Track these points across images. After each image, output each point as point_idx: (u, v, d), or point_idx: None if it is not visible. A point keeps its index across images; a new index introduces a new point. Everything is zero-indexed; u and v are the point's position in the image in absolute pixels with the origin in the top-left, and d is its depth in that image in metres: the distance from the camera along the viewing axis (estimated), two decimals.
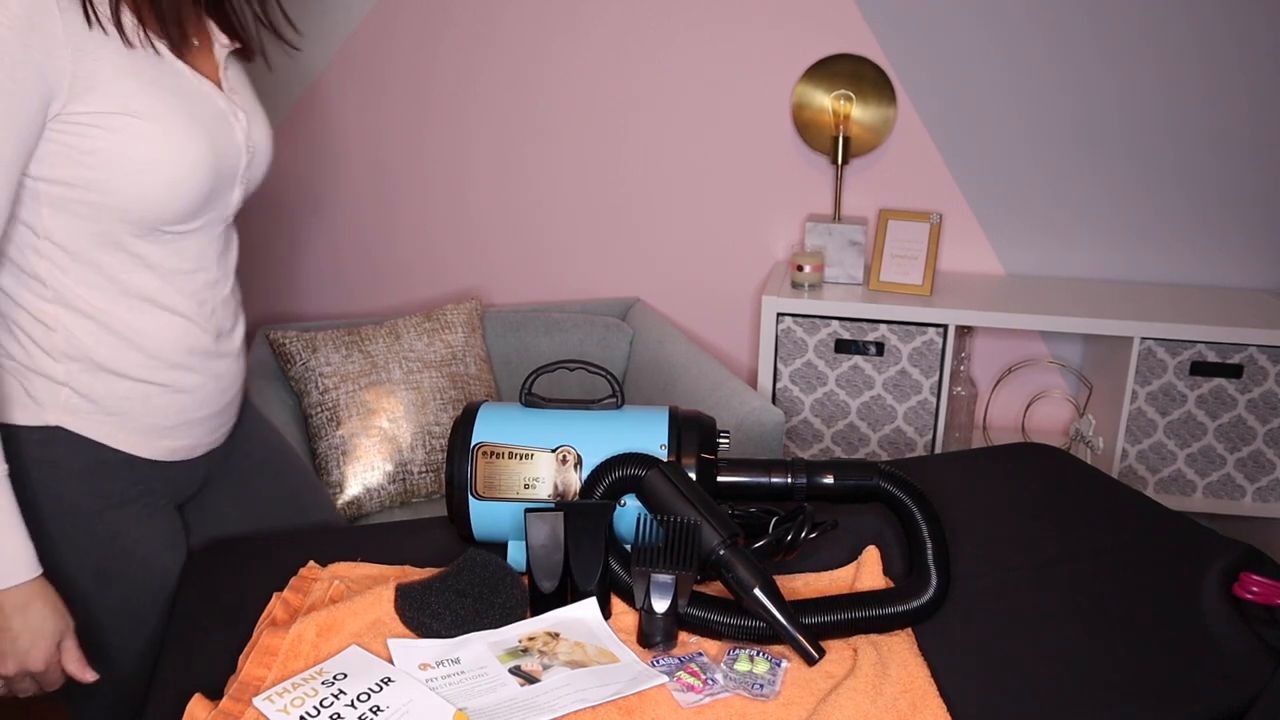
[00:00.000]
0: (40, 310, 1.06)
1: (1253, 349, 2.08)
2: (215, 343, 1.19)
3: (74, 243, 1.05)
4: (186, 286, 1.14)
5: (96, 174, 1.02)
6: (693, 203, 2.42)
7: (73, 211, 1.04)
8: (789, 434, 2.26)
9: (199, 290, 1.16)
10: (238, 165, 1.16)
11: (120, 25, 1.02)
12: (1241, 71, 2.17)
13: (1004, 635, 1.07)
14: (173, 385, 1.15)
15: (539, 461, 1.14)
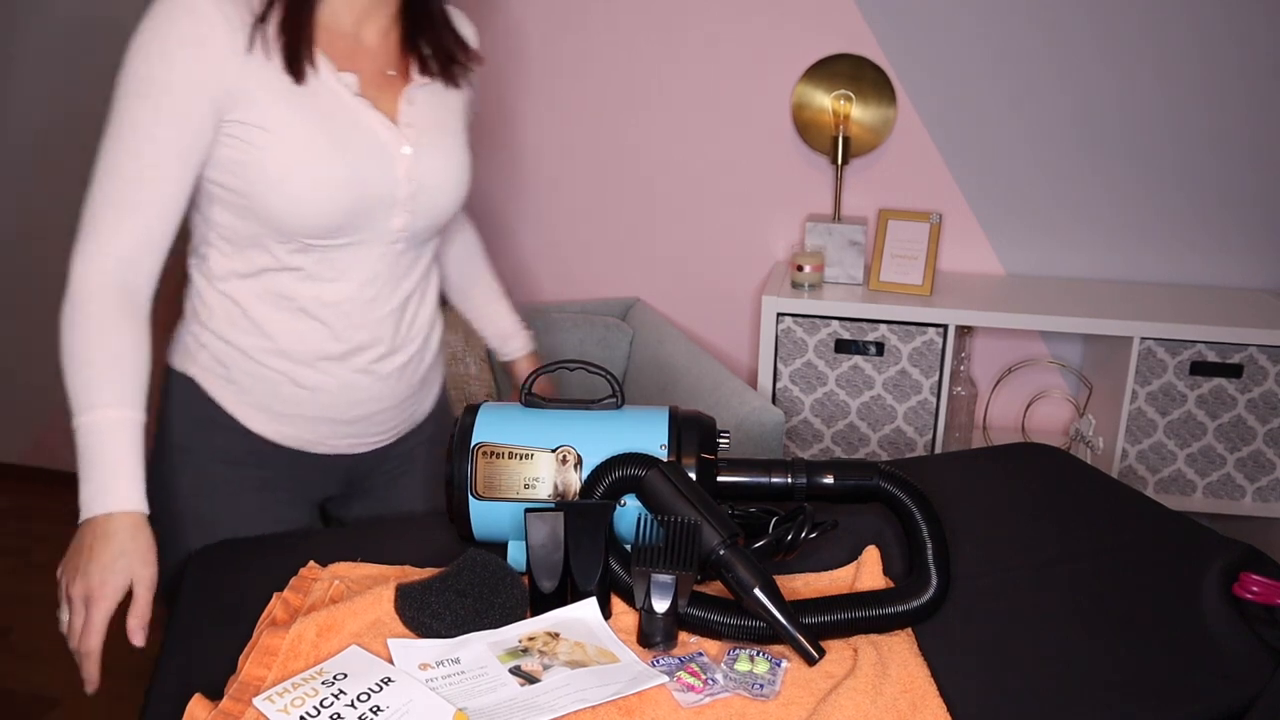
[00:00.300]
0: (202, 286, 1.23)
1: (1253, 349, 2.08)
2: (349, 355, 1.25)
3: (234, 238, 1.19)
4: (329, 296, 1.22)
5: (242, 183, 1.14)
6: (693, 202, 2.42)
7: (234, 212, 1.17)
8: (789, 434, 2.26)
9: (342, 302, 1.23)
10: (393, 193, 1.21)
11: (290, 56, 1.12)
12: (1241, 71, 2.17)
13: (1004, 635, 1.07)
14: (294, 379, 1.24)
15: (539, 461, 1.14)
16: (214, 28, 1.08)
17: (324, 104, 1.15)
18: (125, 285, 1.12)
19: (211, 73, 1.09)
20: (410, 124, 1.23)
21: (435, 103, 1.27)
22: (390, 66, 1.24)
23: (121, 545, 1.05)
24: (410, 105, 1.24)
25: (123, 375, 1.11)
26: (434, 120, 1.26)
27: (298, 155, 1.13)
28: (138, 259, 1.12)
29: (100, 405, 1.08)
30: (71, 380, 1.09)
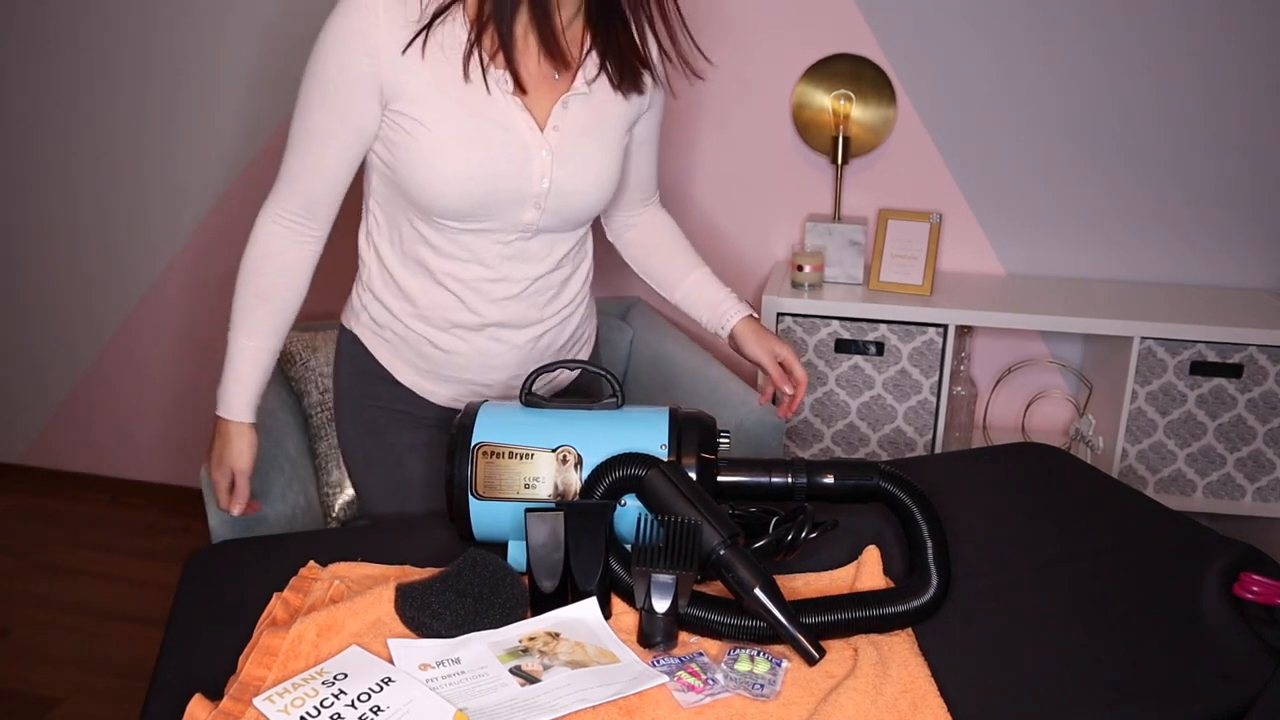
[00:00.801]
0: (365, 251, 1.41)
1: (1253, 349, 2.08)
2: (483, 326, 1.37)
3: (386, 208, 1.34)
4: (460, 273, 1.33)
5: (393, 159, 1.27)
6: (693, 202, 2.42)
7: (385, 183, 1.32)
8: (789, 434, 2.26)
9: (473, 280, 1.34)
10: (525, 190, 1.29)
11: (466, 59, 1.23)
12: (1240, 71, 2.17)
13: (1004, 635, 1.07)
14: (433, 341, 1.38)
15: (539, 461, 1.14)
16: (377, 28, 1.21)
17: (477, 100, 1.25)
18: (291, 231, 1.32)
19: (372, 69, 1.22)
20: (557, 128, 1.29)
21: (592, 110, 1.32)
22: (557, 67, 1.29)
23: (227, 444, 1.37)
24: (563, 109, 1.30)
25: (264, 313, 1.34)
26: (584, 126, 1.32)
27: (441, 145, 1.24)
28: (304, 215, 1.32)
29: (241, 333, 1.35)
30: (233, 303, 1.35)
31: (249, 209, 2.61)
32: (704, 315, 1.52)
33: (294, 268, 1.35)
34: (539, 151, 1.28)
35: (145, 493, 2.91)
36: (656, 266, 1.56)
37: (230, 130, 2.54)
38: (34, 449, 2.98)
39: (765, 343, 1.48)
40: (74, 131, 2.63)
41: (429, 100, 1.23)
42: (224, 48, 2.48)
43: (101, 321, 2.79)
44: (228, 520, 1.61)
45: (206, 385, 2.78)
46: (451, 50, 1.23)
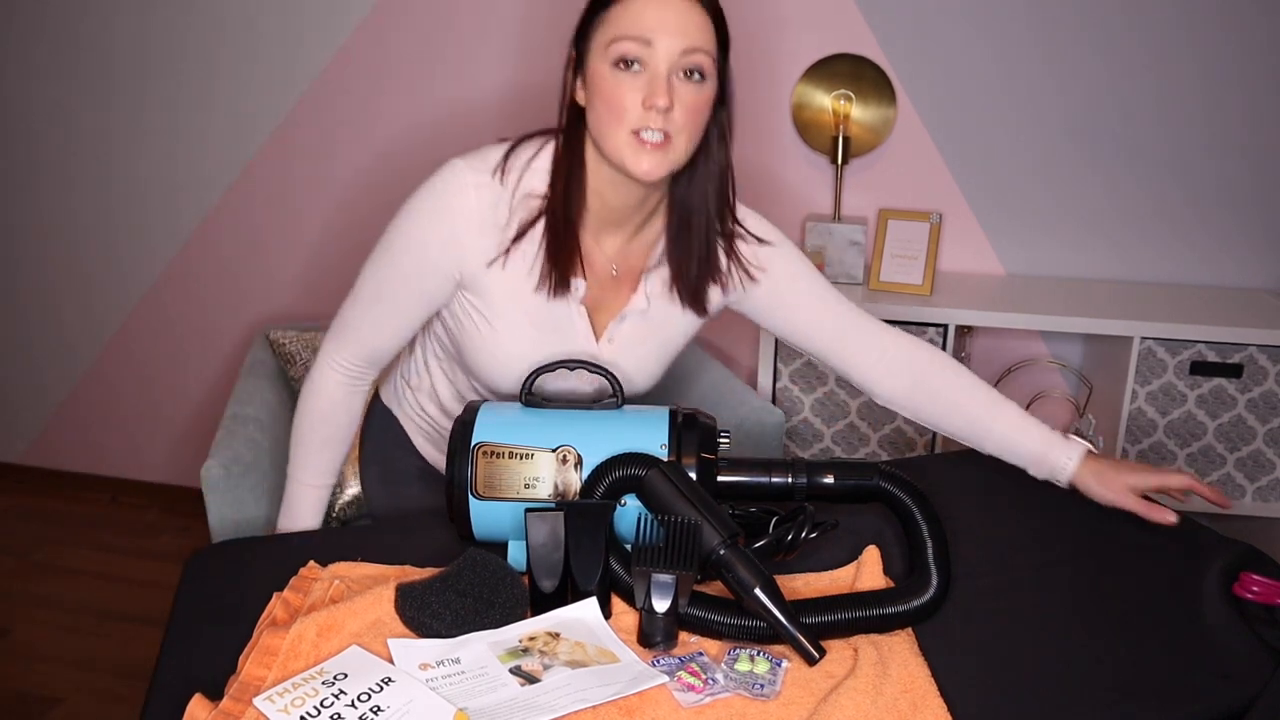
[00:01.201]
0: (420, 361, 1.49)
1: (1253, 349, 2.08)
2: None
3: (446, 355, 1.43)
4: None
5: (456, 335, 1.35)
6: None
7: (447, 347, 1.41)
8: (789, 434, 2.26)
9: None
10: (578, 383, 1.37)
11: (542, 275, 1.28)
12: (1240, 71, 2.17)
13: (1004, 635, 1.07)
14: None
15: (539, 461, 1.14)
16: (469, 231, 1.26)
17: (541, 304, 1.29)
18: (354, 381, 1.38)
19: (455, 263, 1.28)
20: (612, 340, 1.35)
21: (650, 324, 1.36)
22: (621, 267, 1.33)
23: None
24: (619, 324, 1.34)
25: (328, 457, 1.41)
26: (640, 339, 1.36)
27: (501, 341, 1.31)
28: (367, 366, 1.38)
29: (305, 474, 1.41)
30: (293, 441, 1.40)
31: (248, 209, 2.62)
32: (1031, 468, 1.34)
33: (355, 411, 1.41)
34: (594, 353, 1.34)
35: (145, 493, 2.91)
36: (946, 422, 1.38)
37: (230, 130, 2.54)
38: (34, 449, 2.98)
39: (1116, 482, 1.28)
40: (74, 132, 2.63)
41: (499, 302, 1.29)
42: (223, 48, 2.48)
43: (101, 321, 2.79)
44: (228, 520, 1.61)
45: (207, 385, 2.80)
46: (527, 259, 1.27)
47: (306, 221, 2.58)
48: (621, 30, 1.17)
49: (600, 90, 1.19)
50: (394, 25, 2.39)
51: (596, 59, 1.20)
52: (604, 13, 1.20)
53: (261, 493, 1.67)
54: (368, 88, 2.45)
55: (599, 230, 1.31)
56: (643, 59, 1.16)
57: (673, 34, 1.16)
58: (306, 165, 2.53)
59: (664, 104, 1.16)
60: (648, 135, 1.17)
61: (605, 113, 1.19)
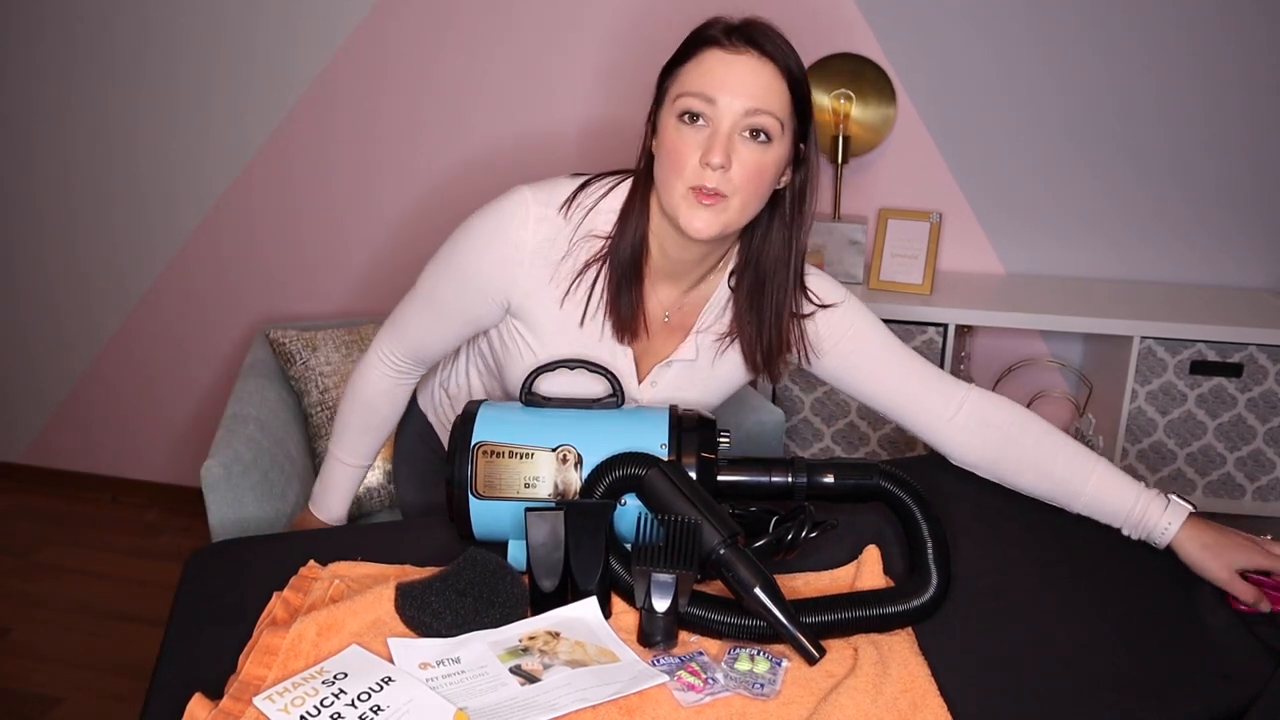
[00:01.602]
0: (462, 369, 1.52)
1: (1253, 348, 2.08)
2: None
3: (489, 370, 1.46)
4: None
5: (500, 355, 1.38)
6: None
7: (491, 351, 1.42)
8: (789, 433, 2.26)
9: None
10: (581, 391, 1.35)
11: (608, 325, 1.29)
12: (1240, 71, 2.17)
13: (1004, 635, 1.07)
14: None
15: (539, 461, 1.14)
16: (520, 263, 1.26)
17: (587, 340, 1.30)
18: (400, 375, 1.43)
19: (505, 289, 1.28)
20: (655, 384, 1.34)
21: (696, 373, 1.35)
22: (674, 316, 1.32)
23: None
24: (664, 369, 1.34)
25: (370, 440, 1.47)
26: (682, 385, 1.35)
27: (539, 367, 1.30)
28: (415, 364, 1.42)
29: (344, 453, 1.47)
30: (337, 420, 1.47)
31: (248, 209, 2.62)
32: (1125, 529, 1.25)
33: (399, 401, 1.46)
34: (630, 401, 1.32)
35: (145, 493, 2.91)
36: (1030, 485, 1.31)
37: (229, 130, 2.54)
38: (34, 449, 2.99)
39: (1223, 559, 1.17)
40: (73, 132, 2.63)
41: (547, 334, 1.30)
42: (222, 47, 2.48)
43: (101, 321, 2.79)
44: (228, 520, 1.61)
45: (207, 385, 2.80)
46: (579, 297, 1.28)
47: (306, 221, 2.58)
48: (688, 86, 1.17)
49: (664, 141, 1.20)
50: (394, 25, 2.39)
51: (665, 110, 1.21)
52: (679, 67, 1.21)
53: (262, 492, 1.67)
54: (368, 88, 2.45)
55: (656, 278, 1.30)
56: (706, 115, 1.16)
57: (737, 92, 1.15)
58: (306, 165, 2.53)
59: (719, 161, 1.14)
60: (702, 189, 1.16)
61: (667, 164, 1.19)
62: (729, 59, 1.16)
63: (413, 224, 2.52)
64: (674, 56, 1.23)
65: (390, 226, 2.54)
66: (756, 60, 1.16)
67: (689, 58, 1.19)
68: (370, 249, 2.57)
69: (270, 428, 1.81)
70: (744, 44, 1.17)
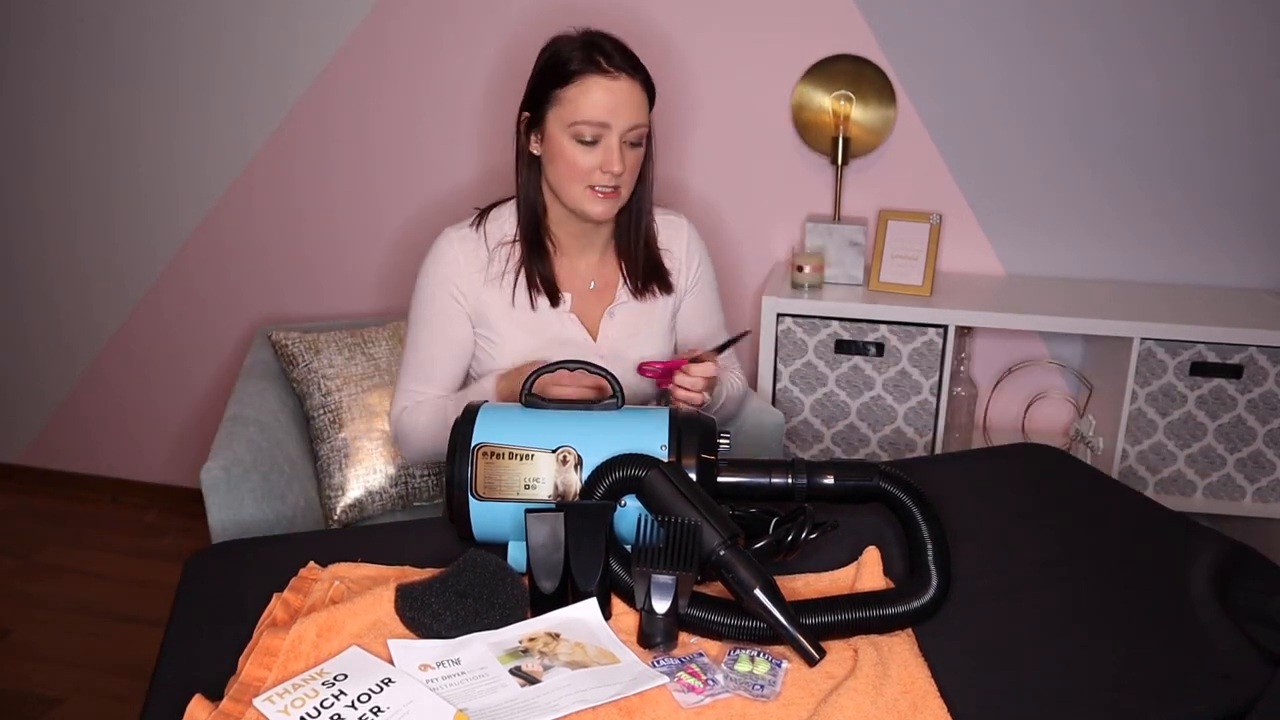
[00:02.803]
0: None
1: (1253, 349, 2.08)
2: None
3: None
4: None
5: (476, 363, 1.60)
6: (693, 203, 2.42)
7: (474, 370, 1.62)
8: (789, 434, 2.26)
9: None
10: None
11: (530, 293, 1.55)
12: (1240, 71, 2.17)
13: (1004, 635, 1.07)
14: None
15: (539, 462, 1.14)
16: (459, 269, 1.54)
17: (537, 320, 1.55)
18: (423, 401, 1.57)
19: (459, 303, 1.55)
20: (608, 336, 1.58)
21: (635, 313, 1.61)
22: (598, 281, 1.59)
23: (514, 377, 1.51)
24: (610, 319, 1.59)
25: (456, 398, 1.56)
26: (631, 329, 1.60)
27: (512, 358, 1.54)
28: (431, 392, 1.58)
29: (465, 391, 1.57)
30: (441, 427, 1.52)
31: (248, 209, 2.62)
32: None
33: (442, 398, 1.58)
34: (593, 358, 1.54)
35: (145, 493, 2.91)
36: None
37: (229, 130, 2.55)
38: (34, 449, 2.99)
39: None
40: (73, 132, 2.63)
41: (500, 324, 1.54)
42: (222, 47, 2.48)
43: (101, 321, 2.79)
44: (228, 522, 1.61)
45: (206, 385, 2.80)
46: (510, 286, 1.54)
47: (306, 221, 2.58)
48: (581, 115, 1.43)
49: (562, 156, 1.46)
50: (394, 25, 2.40)
51: (556, 129, 1.46)
52: (559, 90, 1.45)
53: (261, 495, 1.67)
54: (368, 88, 2.45)
55: (570, 254, 1.58)
56: (599, 135, 1.44)
57: (623, 115, 1.44)
58: (306, 165, 2.53)
59: (618, 170, 1.45)
60: (601, 188, 1.46)
61: (566, 173, 1.47)
62: (612, 86, 1.43)
63: (413, 224, 2.52)
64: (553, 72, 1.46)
65: (390, 226, 2.54)
66: (629, 83, 1.44)
67: (571, 79, 1.44)
68: (370, 249, 2.56)
69: (270, 430, 1.81)
70: (619, 69, 1.44)
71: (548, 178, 1.51)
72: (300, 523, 1.76)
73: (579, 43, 1.46)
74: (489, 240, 1.56)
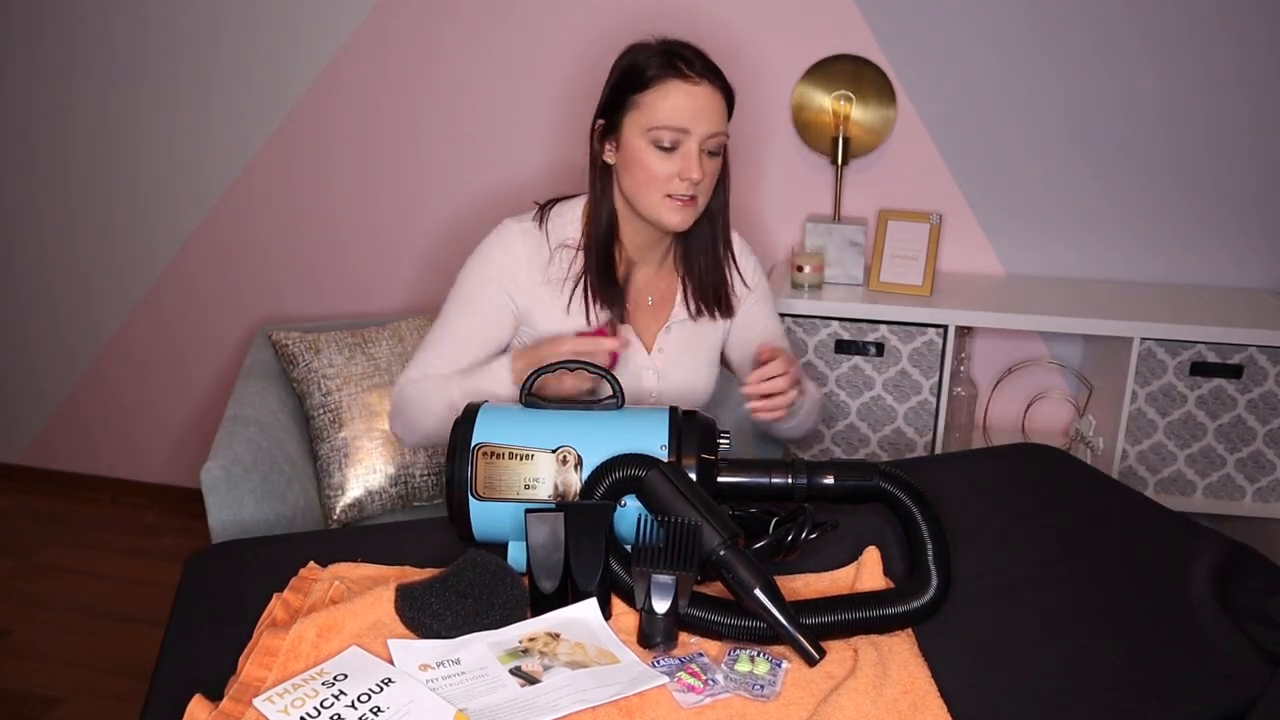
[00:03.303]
0: None
1: (1253, 349, 2.08)
2: None
3: None
4: None
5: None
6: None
7: None
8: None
9: None
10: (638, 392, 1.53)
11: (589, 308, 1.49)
12: (1240, 72, 2.17)
13: (1004, 635, 1.07)
14: None
15: (539, 462, 1.14)
16: (519, 264, 1.49)
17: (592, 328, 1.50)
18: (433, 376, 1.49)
19: (511, 299, 1.50)
20: (662, 350, 1.56)
21: (689, 333, 1.58)
22: (655, 296, 1.56)
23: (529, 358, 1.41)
24: (666, 334, 1.56)
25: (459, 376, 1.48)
26: (685, 346, 1.57)
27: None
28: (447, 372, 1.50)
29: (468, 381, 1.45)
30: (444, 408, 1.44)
31: (248, 209, 2.62)
32: None
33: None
34: (647, 371, 1.54)
35: (145, 493, 2.91)
36: None
37: (230, 130, 2.55)
38: (34, 449, 2.99)
39: None
40: (73, 132, 2.64)
41: (549, 329, 1.49)
42: (222, 47, 2.48)
43: (101, 321, 2.79)
44: (228, 522, 1.61)
45: (206, 385, 2.80)
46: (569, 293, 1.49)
47: (306, 221, 2.58)
48: (661, 120, 1.39)
49: (639, 162, 1.42)
50: (394, 25, 2.40)
51: (633, 135, 1.42)
52: (637, 96, 1.41)
53: (261, 495, 1.67)
54: (368, 88, 2.45)
55: (630, 266, 1.53)
56: (679, 141, 1.40)
57: (702, 121, 1.40)
58: (306, 165, 2.53)
59: (698, 178, 1.41)
60: (679, 195, 1.42)
61: (643, 180, 1.43)
62: (693, 91, 1.40)
63: (412, 224, 2.52)
64: (631, 78, 1.42)
65: (390, 226, 2.54)
66: (710, 89, 1.41)
67: (650, 84, 1.40)
68: (370, 249, 2.56)
69: (270, 430, 1.81)
70: (700, 75, 1.40)
71: (622, 186, 1.47)
72: (300, 523, 1.76)
73: (657, 50, 1.43)
74: (551, 239, 1.51)
